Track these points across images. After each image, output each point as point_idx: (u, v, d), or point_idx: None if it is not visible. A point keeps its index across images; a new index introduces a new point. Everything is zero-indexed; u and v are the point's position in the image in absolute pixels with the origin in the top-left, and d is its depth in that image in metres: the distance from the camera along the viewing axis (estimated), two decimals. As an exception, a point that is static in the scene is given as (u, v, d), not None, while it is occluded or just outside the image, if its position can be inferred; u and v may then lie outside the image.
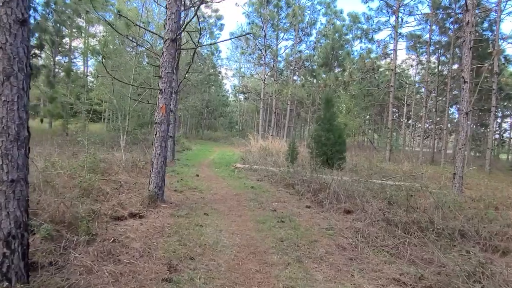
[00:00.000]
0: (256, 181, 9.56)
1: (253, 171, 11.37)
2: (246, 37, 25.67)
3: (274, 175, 9.90)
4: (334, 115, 12.98)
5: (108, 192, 5.76)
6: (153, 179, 5.55)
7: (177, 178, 8.90)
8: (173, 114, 11.38)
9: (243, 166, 12.41)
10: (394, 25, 18.52)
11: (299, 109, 42.45)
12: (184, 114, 35.06)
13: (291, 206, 6.70)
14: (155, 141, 5.55)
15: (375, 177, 10.48)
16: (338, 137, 12.65)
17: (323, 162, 12.33)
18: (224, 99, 44.72)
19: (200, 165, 12.99)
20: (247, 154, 17.01)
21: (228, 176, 10.28)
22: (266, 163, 12.63)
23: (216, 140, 35.86)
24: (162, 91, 5.52)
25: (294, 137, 13.56)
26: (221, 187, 8.33)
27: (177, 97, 11.50)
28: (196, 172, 10.48)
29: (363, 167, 13.39)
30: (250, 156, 15.37)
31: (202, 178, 9.42)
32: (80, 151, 10.85)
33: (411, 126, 41.69)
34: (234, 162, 14.42)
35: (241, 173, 11.00)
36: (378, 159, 17.52)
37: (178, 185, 7.65)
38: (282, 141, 20.92)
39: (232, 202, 6.71)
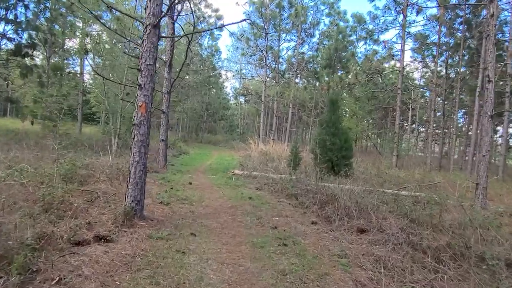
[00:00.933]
0: (255, 190, 8.64)
1: (252, 178, 10.45)
2: (247, 37, 24.85)
3: (275, 184, 8.97)
4: (339, 118, 12.07)
5: (78, 207, 4.85)
6: (130, 192, 4.62)
7: (166, 187, 7.98)
8: (165, 116, 10.49)
9: (241, 172, 11.49)
10: (402, 24, 17.64)
11: (301, 112, 41.63)
12: (183, 117, 34.19)
13: (294, 221, 5.78)
14: (133, 146, 4.64)
15: (386, 186, 9.56)
16: (344, 142, 11.74)
17: (328, 169, 11.41)
18: (224, 102, 43.87)
19: (195, 171, 12.07)
20: (247, 159, 16.09)
21: (224, 184, 9.35)
22: (267, 170, 11.71)
23: (216, 143, 34.98)
24: (142, 87, 4.62)
25: (297, 142, 12.62)
26: (216, 197, 7.41)
27: (170, 98, 10.62)
28: (190, 179, 9.56)
29: (371, 174, 12.47)
30: (250, 162, 14.45)
31: (195, 187, 8.49)
32: (67, 155, 9.98)
33: (415, 131, 40.75)
34: (232, 168, 13.51)
35: (239, 181, 10.08)
36: (385, 165, 16.60)
37: (165, 196, 6.72)
38: (284, 146, 20.02)
39: (226, 216, 5.78)
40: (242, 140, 34.98)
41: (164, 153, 10.65)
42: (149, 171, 9.71)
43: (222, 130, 49.39)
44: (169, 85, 10.34)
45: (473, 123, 15.92)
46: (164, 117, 10.46)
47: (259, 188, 8.95)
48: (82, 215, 4.57)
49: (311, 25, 26.76)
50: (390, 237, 4.53)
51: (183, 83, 26.22)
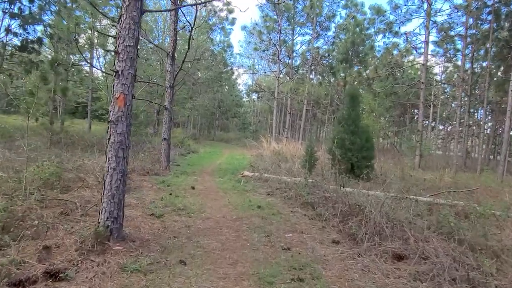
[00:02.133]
0: (266, 196, 7.62)
1: (263, 182, 9.42)
2: (260, 31, 23.75)
3: (289, 189, 7.93)
4: (360, 115, 10.95)
5: (43, 223, 3.93)
6: (104, 207, 3.66)
7: (164, 192, 7.03)
8: (168, 113, 9.55)
9: (251, 174, 10.49)
10: (427, 12, 16.27)
11: (315, 109, 40.38)
12: (194, 114, 33.40)
13: (311, 239, 4.74)
14: (108, 148, 3.67)
15: (414, 191, 8.42)
16: (365, 141, 10.62)
17: (347, 171, 10.33)
18: (237, 99, 42.93)
19: (202, 172, 11.13)
20: (258, 159, 15.08)
21: (231, 188, 8.36)
22: (279, 171, 10.67)
23: (228, 141, 34.07)
24: (119, 74, 3.65)
25: (312, 141, 11.53)
26: (219, 206, 6.41)
27: (173, 93, 9.66)
28: (193, 183, 8.60)
29: (394, 176, 11.30)
30: (261, 162, 13.44)
31: (197, 192, 7.53)
32: (61, 155, 9.19)
33: (436, 129, 38.99)
34: (242, 169, 12.52)
35: (248, 185, 9.08)
36: (407, 166, 15.34)
37: (160, 205, 5.76)
38: (297, 144, 18.95)
39: (228, 233, 4.78)
40: (255, 138, 33.96)
41: (166, 153, 9.73)
42: (149, 173, 8.81)
43: (235, 128, 48.48)
44: (171, 78, 9.40)
45: (506, 121, 14.49)
46: (166, 114, 9.54)
47: (270, 193, 7.92)
48: (44, 235, 3.65)
49: (326, 17, 25.53)
50: (439, 269, 3.45)
51: (193, 79, 25.35)
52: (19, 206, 4.07)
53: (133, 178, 7.96)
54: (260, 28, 24.08)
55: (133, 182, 7.63)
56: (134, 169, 8.54)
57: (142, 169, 8.78)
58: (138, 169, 8.59)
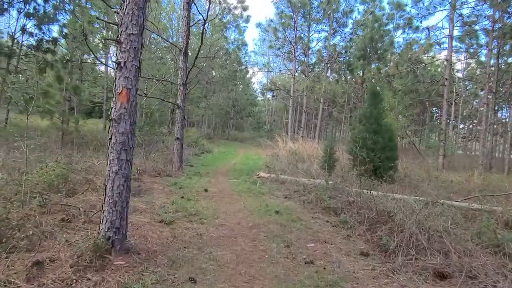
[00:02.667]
0: (283, 200, 7.14)
1: (280, 184, 8.95)
2: (275, 28, 23.23)
3: (308, 192, 7.44)
4: (382, 113, 10.32)
5: (43, 232, 3.57)
6: (106, 216, 3.26)
7: (176, 195, 6.63)
8: (180, 111, 9.17)
9: (267, 175, 10.03)
10: (452, 4, 15.44)
11: (331, 108, 39.62)
12: (208, 114, 33.14)
13: (336, 251, 4.25)
14: (110, 150, 3.27)
15: (443, 195, 7.82)
16: (389, 140, 10.00)
17: (369, 172, 9.72)
18: (252, 98, 42.49)
19: (216, 173, 10.72)
20: (274, 159, 14.60)
21: (247, 191, 7.90)
22: (297, 172, 10.17)
23: (243, 141, 33.70)
24: (122, 66, 3.24)
25: (331, 140, 10.97)
26: (234, 211, 5.97)
27: (186, 90, 9.27)
28: (207, 184, 8.20)
29: (419, 178, 10.66)
30: (277, 162, 12.96)
31: (211, 195, 7.10)
32: (71, 155, 8.93)
33: (457, 127, 37.67)
34: (257, 170, 12.07)
35: (264, 187, 8.61)
36: (431, 166, 14.59)
37: (170, 210, 5.36)
38: (314, 144, 18.36)
39: (244, 243, 4.33)
40: (270, 138, 33.47)
41: (179, 153, 9.36)
42: (161, 174, 8.44)
43: (249, 127, 48.10)
44: (184, 75, 9.01)
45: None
46: (179, 112, 9.16)
47: (288, 196, 7.44)
48: (42, 245, 3.28)
49: (343, 13, 24.81)
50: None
51: (208, 77, 25.03)
52: (16, 213, 3.72)
53: (144, 179, 7.61)
54: (275, 25, 23.56)
55: (144, 184, 7.28)
56: (145, 170, 8.20)
57: (154, 170, 8.42)
58: (150, 170, 8.23)
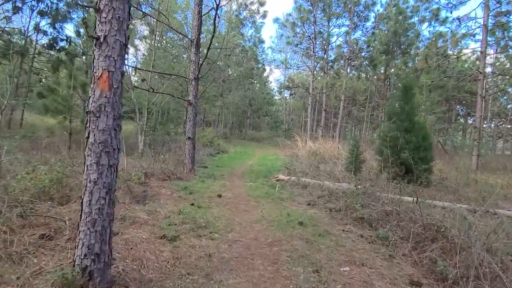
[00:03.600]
0: (307, 208, 6.26)
1: (302, 188, 8.07)
2: (293, 22, 22.30)
3: (335, 198, 6.54)
4: (415, 109, 9.29)
5: (11, 255, 2.85)
6: (81, 238, 2.48)
7: (184, 202, 5.85)
8: (192, 108, 8.41)
9: (287, 178, 9.16)
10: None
11: (351, 106, 38.39)
12: (225, 113, 32.47)
13: (379, 278, 3.36)
14: (87, 152, 2.49)
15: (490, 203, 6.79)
16: (422, 139, 8.97)
17: (401, 175, 8.72)
18: (269, 97, 41.60)
19: (231, 175, 9.93)
20: (293, 159, 13.72)
21: (265, 196, 7.06)
22: (319, 174, 9.26)
23: (260, 140, 32.87)
24: (101, 42, 2.45)
25: (357, 139, 9.98)
26: (250, 221, 5.13)
27: (197, 85, 8.49)
28: (220, 189, 7.40)
29: (456, 181, 9.57)
30: (297, 163, 12.07)
31: (224, 202, 6.30)
32: (77, 156, 8.32)
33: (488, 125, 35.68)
34: (276, 171, 11.22)
35: (284, 191, 7.76)
36: (465, 168, 13.36)
37: (176, 221, 4.57)
38: (335, 143, 17.37)
39: (263, 266, 3.50)
40: (287, 137, 32.51)
41: (191, 154, 8.59)
42: (170, 178, 7.71)
43: (266, 127, 47.26)
44: (196, 69, 8.24)
45: None
46: (191, 110, 8.41)
47: (311, 203, 6.56)
48: (2, 278, 2.54)
49: (365, 6, 23.63)
50: None
51: (224, 75, 24.32)
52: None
53: (151, 184, 6.87)
54: (294, 19, 22.60)
55: (151, 189, 6.55)
56: (153, 173, 7.46)
57: (163, 172, 7.68)
58: (158, 173, 7.49)
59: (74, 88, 10.30)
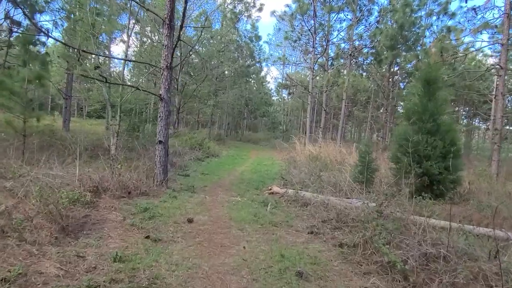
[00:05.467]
0: (308, 238, 4.55)
1: (301, 206, 6.35)
2: (292, 15, 20.62)
3: (346, 223, 4.84)
4: (441, 106, 7.58)
5: None
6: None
7: (138, 234, 4.13)
8: (164, 104, 6.64)
9: (283, 191, 7.45)
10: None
11: (351, 107, 36.88)
12: (219, 113, 30.76)
13: None
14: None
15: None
16: (450, 144, 7.27)
17: (423, 187, 7.03)
18: (266, 97, 39.91)
19: (215, 187, 8.20)
20: (291, 165, 12.02)
21: (252, 220, 5.33)
22: (322, 186, 7.54)
23: (256, 142, 31.17)
24: None
25: (368, 143, 8.21)
26: (224, 273, 3.40)
27: (170, 75, 6.68)
28: (195, 209, 5.68)
29: (485, 192, 7.88)
30: (295, 170, 10.37)
31: (195, 231, 4.57)
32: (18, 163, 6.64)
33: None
34: (270, 180, 9.51)
35: (278, 210, 6.05)
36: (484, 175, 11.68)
37: (102, 279, 2.86)
38: (337, 146, 15.71)
39: None
40: (285, 139, 30.83)
41: (163, 162, 6.80)
42: (131, 194, 5.95)
43: (264, 128, 45.67)
44: (169, 55, 6.50)
45: None
46: (163, 106, 6.62)
47: (314, 231, 4.83)
48: None
49: (369, 0, 21.99)
50: None
51: (217, 72, 22.60)
52: None
53: (100, 204, 5.14)
54: (292, 11, 20.86)
55: (97, 212, 4.82)
56: (108, 187, 5.72)
57: (123, 186, 5.93)
58: (114, 188, 5.74)
59: (28, 81, 8.57)
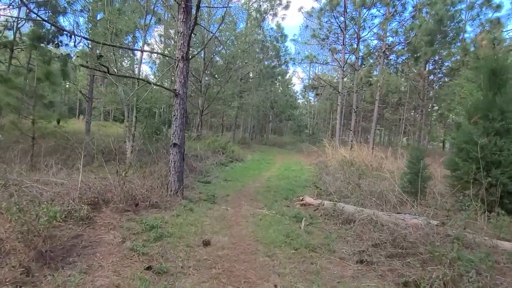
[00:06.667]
0: (357, 270, 3.43)
1: (343, 223, 5.21)
2: (321, 10, 19.45)
3: (403, 249, 3.68)
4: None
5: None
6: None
7: (138, 264, 3.19)
8: (180, 101, 5.69)
9: (317, 202, 6.34)
10: None
11: (382, 109, 35.03)
12: (244, 115, 29.89)
13: None
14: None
15: None
16: (526, 148, 5.92)
17: (491, 202, 5.73)
18: (292, 100, 38.76)
19: (240, 195, 7.18)
20: (322, 171, 10.87)
21: (284, 242, 4.24)
22: (364, 198, 6.37)
23: (282, 146, 30.05)
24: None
25: (420, 148, 6.92)
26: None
27: (187, 68, 5.73)
28: (214, 226, 4.68)
29: None
30: (329, 177, 9.20)
31: (212, 259, 3.54)
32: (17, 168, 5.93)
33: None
34: (301, 188, 8.39)
35: (315, 228, 4.95)
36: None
37: None
38: (369, 150, 14.34)
39: None
40: (312, 142, 29.54)
41: (177, 168, 5.79)
42: (138, 206, 5.01)
43: (289, 131, 44.48)
44: (185, 44, 5.58)
45: None
46: (178, 104, 5.66)
47: (364, 259, 3.68)
48: None
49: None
50: None
51: (242, 73, 21.70)
52: None
53: (99, 219, 4.22)
54: (322, 6, 19.66)
55: (93, 230, 3.90)
56: (112, 198, 4.81)
57: (130, 197, 5.02)
58: (119, 199, 4.82)
59: (38, 79, 7.93)
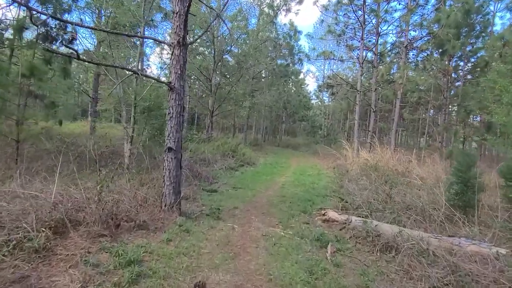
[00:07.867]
0: None
1: (380, 250, 4.07)
2: (338, 5, 18.25)
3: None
4: None
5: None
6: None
7: None
8: (176, 96, 4.61)
9: (343, 218, 5.20)
10: None
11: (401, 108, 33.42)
12: (256, 116, 28.83)
13: None
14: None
15: None
16: None
17: None
18: (305, 100, 37.52)
19: (249, 207, 6.08)
20: (343, 177, 9.70)
21: (306, 281, 3.15)
22: (398, 211, 5.20)
23: (296, 148, 28.86)
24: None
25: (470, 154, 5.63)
26: None
27: (185, 56, 4.67)
28: (215, 252, 3.63)
29: None
30: (352, 184, 8.02)
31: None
32: None
33: None
34: (320, 198, 7.24)
35: (344, 256, 3.84)
36: None
37: None
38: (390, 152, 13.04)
39: None
40: (327, 143, 28.27)
41: (173, 178, 4.65)
42: (119, 227, 3.97)
43: (302, 132, 43.26)
44: (181, 27, 4.54)
45: None
46: (173, 99, 4.59)
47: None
48: None
49: (426, -16, 19.18)
50: None
51: (253, 71, 20.65)
52: None
53: (60, 249, 3.18)
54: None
55: (47, 268, 2.88)
56: (84, 219, 3.78)
57: (110, 216, 3.99)
58: (92, 221, 3.77)
59: (23, 75, 7.05)
